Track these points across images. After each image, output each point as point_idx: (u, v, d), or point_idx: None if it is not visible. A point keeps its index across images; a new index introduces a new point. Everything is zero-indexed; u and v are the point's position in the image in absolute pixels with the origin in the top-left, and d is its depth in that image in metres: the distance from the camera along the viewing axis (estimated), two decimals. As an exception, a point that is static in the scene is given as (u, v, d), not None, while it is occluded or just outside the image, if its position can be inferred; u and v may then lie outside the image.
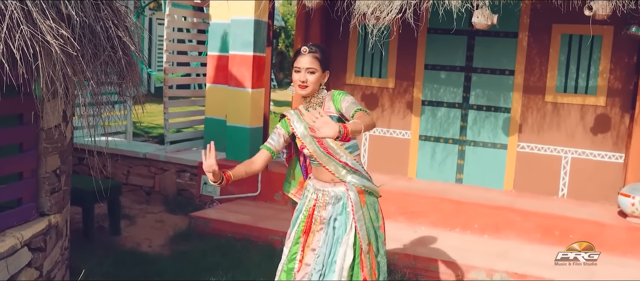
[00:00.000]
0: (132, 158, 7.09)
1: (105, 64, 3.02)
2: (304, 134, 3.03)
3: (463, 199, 5.63)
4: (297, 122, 3.08)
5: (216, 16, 6.85)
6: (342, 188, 3.06)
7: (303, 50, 2.98)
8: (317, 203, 3.09)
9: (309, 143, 3.04)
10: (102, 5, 2.98)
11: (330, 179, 3.07)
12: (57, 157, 3.48)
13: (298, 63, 2.98)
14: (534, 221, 5.29)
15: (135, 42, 3.24)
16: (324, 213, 3.07)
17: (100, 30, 2.93)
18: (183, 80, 8.00)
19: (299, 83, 2.98)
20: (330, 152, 3.04)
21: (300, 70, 2.97)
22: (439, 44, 6.24)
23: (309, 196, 3.13)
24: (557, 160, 5.92)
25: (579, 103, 5.79)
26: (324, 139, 2.99)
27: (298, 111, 3.12)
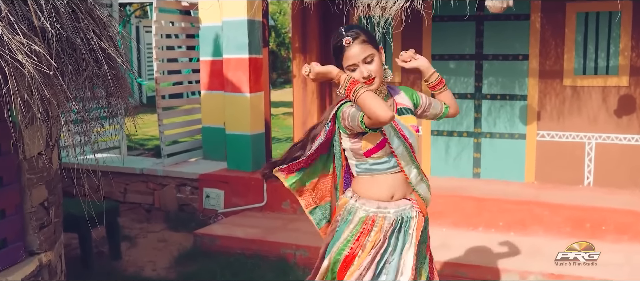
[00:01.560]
0: (129, 174, 6.71)
1: (90, 80, 2.64)
2: (388, 127, 2.42)
3: (484, 195, 5.28)
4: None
5: (206, 19, 6.47)
6: (407, 205, 2.52)
7: (346, 42, 2.40)
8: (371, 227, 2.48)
9: (393, 136, 2.43)
10: (81, 15, 2.60)
11: (390, 194, 2.50)
12: (43, 187, 3.11)
13: (348, 59, 2.41)
14: (563, 215, 4.95)
15: (122, 53, 2.86)
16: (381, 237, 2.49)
17: (80, 42, 2.55)
18: (176, 89, 7.62)
19: (363, 78, 2.40)
20: (414, 150, 2.52)
21: (357, 66, 2.41)
22: (446, 32, 5.88)
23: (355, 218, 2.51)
24: (580, 147, 5.57)
25: (600, 85, 5.45)
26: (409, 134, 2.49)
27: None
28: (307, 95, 6.46)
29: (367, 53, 2.41)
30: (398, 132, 2.47)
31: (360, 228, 2.50)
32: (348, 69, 2.44)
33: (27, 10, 2.35)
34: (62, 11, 2.47)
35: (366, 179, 2.54)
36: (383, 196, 2.50)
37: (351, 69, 2.43)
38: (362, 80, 2.40)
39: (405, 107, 2.60)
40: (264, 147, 6.09)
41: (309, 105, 6.48)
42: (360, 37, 2.42)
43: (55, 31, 2.41)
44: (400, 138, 2.47)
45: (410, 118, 2.58)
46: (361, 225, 2.49)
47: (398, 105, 2.58)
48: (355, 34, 2.42)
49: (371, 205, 2.50)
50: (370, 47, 2.43)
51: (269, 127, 6.18)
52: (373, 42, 2.47)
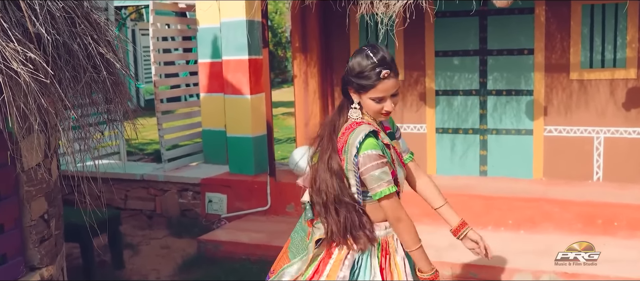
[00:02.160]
0: (129, 181, 6.60)
1: (88, 87, 2.54)
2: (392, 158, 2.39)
3: (492, 194, 5.18)
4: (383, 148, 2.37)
5: (204, 20, 6.36)
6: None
7: (384, 75, 2.22)
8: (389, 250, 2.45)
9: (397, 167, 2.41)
10: (77, 19, 2.50)
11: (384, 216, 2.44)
12: (43, 199, 3.00)
13: (378, 91, 2.25)
14: (573, 211, 4.85)
15: (121, 57, 2.75)
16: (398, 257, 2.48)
17: (77, 48, 2.44)
18: (175, 92, 7.51)
19: (384, 113, 2.32)
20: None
21: (384, 99, 2.28)
22: (448, 28, 5.78)
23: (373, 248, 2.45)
24: (588, 141, 5.47)
25: (608, 78, 5.35)
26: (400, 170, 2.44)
27: (376, 131, 2.36)
28: (308, 95, 6.35)
29: (397, 88, 2.31)
30: (399, 160, 2.45)
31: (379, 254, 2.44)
32: (371, 99, 2.29)
33: (21, 15, 2.25)
34: (57, 16, 2.37)
35: (372, 205, 2.41)
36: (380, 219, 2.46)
37: (375, 100, 2.29)
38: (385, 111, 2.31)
39: (390, 132, 2.55)
40: (266, 150, 5.98)
41: (310, 106, 6.37)
42: (394, 69, 2.28)
43: (51, 37, 2.31)
44: (400, 165, 2.45)
45: (396, 143, 2.55)
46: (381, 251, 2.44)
47: (386, 129, 2.52)
48: (391, 65, 2.26)
49: (379, 228, 2.44)
50: (398, 81, 2.32)
51: (271, 129, 6.07)
52: (398, 71, 2.34)
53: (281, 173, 5.97)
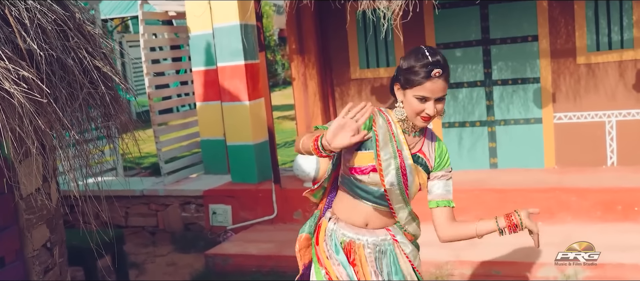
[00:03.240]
0: (129, 197, 6.40)
1: (86, 104, 2.36)
2: (388, 157, 2.19)
3: (505, 186, 5.03)
4: (383, 133, 2.20)
5: (196, 27, 6.16)
6: (386, 237, 2.31)
7: (435, 74, 2.09)
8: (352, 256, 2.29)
9: (391, 170, 2.19)
10: (70, 32, 2.31)
11: (364, 222, 2.31)
12: (44, 227, 2.81)
13: (425, 90, 2.10)
14: (591, 199, 4.71)
15: (118, 70, 2.57)
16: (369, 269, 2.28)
17: (72, 63, 2.26)
18: (171, 103, 7.30)
19: (423, 116, 2.15)
20: (409, 193, 2.26)
21: (428, 99, 2.12)
22: (449, 20, 5.62)
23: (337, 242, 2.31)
24: (600, 126, 5.33)
25: (616, 60, 5.21)
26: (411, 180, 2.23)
27: (386, 118, 2.24)
28: (308, 97, 6.18)
29: (444, 92, 2.17)
30: (399, 169, 2.21)
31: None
32: (416, 97, 2.14)
33: (10, 31, 2.07)
34: (49, 30, 2.19)
35: (346, 198, 2.33)
36: (357, 222, 2.33)
37: (418, 98, 2.13)
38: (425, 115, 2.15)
39: (424, 159, 2.29)
40: (268, 156, 5.81)
41: (311, 108, 6.20)
42: (446, 73, 2.15)
43: (43, 53, 2.12)
44: (399, 176, 2.21)
45: (421, 174, 2.29)
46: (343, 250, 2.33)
47: (419, 153, 2.28)
48: (445, 68, 2.13)
49: (347, 229, 2.32)
50: (447, 87, 2.18)
51: (273, 135, 5.90)
52: (450, 79, 2.21)
53: (286, 180, 5.80)
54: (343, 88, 6.15)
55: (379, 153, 2.19)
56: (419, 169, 2.27)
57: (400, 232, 2.34)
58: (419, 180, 2.27)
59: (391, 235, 2.33)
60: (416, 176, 2.25)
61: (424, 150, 2.29)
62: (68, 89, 2.26)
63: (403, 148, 2.23)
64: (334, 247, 2.31)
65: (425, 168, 2.29)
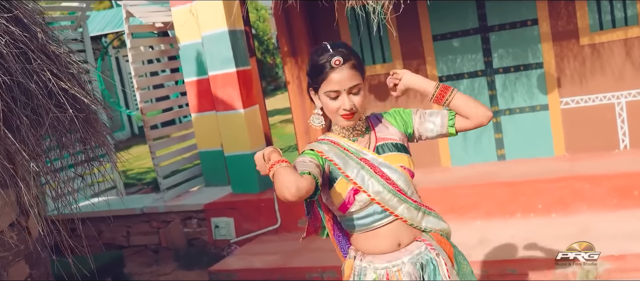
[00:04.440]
0: (130, 216, 6.24)
1: (54, 129, 2.17)
2: (356, 170, 2.01)
3: (516, 178, 4.82)
4: (335, 155, 2.03)
5: (184, 37, 5.99)
6: (421, 248, 2.08)
7: (335, 62, 1.94)
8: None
9: (368, 180, 2.01)
10: (32, 54, 2.13)
11: (395, 243, 2.07)
12: (23, 263, 2.63)
13: (332, 84, 1.96)
14: (606, 185, 4.49)
15: (90, 90, 2.39)
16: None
17: (35, 87, 2.08)
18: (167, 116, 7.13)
19: (343, 113, 1.99)
20: (401, 189, 2.04)
21: (339, 94, 1.97)
22: (444, 10, 5.41)
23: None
24: (609, 108, 5.11)
25: (621, 38, 4.98)
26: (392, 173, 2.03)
27: (329, 141, 2.08)
28: (305, 100, 5.99)
29: (355, 82, 1.98)
30: (375, 174, 2.02)
31: None
32: (327, 95, 1.99)
33: (-41, 58, 1.90)
34: (5, 53, 2.00)
35: (361, 234, 2.10)
36: (388, 247, 2.08)
37: (331, 96, 1.99)
38: (343, 111, 1.99)
39: (390, 143, 2.10)
40: (268, 164, 5.62)
41: (308, 111, 6.01)
42: (351, 61, 1.98)
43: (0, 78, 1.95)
44: (379, 179, 2.02)
45: (397, 157, 2.08)
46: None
47: (378, 142, 2.10)
48: (346, 55, 1.97)
49: (379, 261, 2.08)
50: (358, 76, 2.00)
51: (270, 141, 5.72)
52: (362, 69, 2.04)
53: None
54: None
55: (346, 173, 2.02)
56: (394, 156, 2.07)
57: (430, 237, 2.11)
58: (404, 164, 2.07)
59: (425, 243, 2.09)
60: (397, 167, 2.05)
61: (379, 136, 2.11)
62: (32, 116, 2.08)
63: (363, 153, 2.06)
64: None
65: (398, 147, 2.09)
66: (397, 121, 2.15)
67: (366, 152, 2.06)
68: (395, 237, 2.07)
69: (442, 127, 2.13)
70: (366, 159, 2.04)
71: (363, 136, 2.10)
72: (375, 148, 2.08)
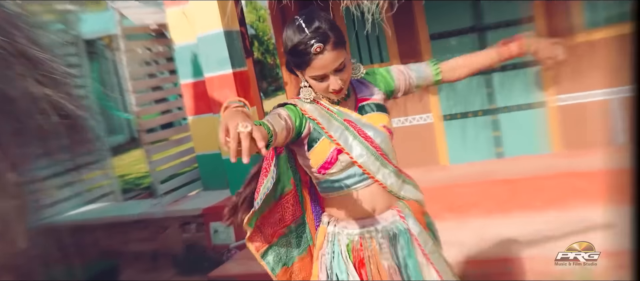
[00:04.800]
0: (126, 223, 6.20)
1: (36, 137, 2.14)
2: (340, 131, 1.96)
3: (513, 176, 4.78)
4: (320, 115, 1.98)
5: (179, 38, 5.96)
6: (394, 217, 2.05)
7: (316, 49, 1.82)
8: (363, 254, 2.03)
9: (351, 141, 1.96)
10: (13, 59, 2.10)
11: (371, 208, 2.04)
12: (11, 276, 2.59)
13: (316, 70, 1.87)
14: (604, 182, 4.43)
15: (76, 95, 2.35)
16: (384, 262, 2.04)
17: (16, 93, 2.04)
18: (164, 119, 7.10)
19: (332, 91, 1.92)
20: (384, 152, 2.03)
21: (327, 76, 1.89)
22: (440, 8, 5.37)
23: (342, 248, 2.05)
24: (606, 105, 5.05)
25: (617, 35, 4.93)
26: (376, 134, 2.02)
27: (317, 103, 2.01)
28: (301, 102, 5.95)
29: (340, 61, 1.88)
30: (358, 135, 1.99)
31: (351, 258, 2.05)
32: (315, 78, 1.92)
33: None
34: (-16, 59, 1.97)
35: (337, 198, 2.06)
36: (362, 213, 2.05)
37: (318, 78, 1.91)
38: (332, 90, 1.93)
39: (371, 103, 2.09)
40: (265, 167, 5.58)
41: (305, 112, 5.97)
42: (330, 40, 1.84)
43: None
44: (363, 142, 1.99)
45: (379, 116, 2.08)
46: (351, 254, 2.05)
47: (360, 102, 2.09)
48: (325, 37, 1.83)
49: (353, 226, 2.06)
50: (341, 52, 1.88)
51: (267, 144, 5.67)
52: (342, 40, 1.91)
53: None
54: (336, 89, 5.92)
55: (330, 133, 1.96)
56: (376, 115, 2.07)
57: (406, 208, 2.10)
58: (385, 124, 2.07)
59: (398, 214, 2.08)
60: (380, 127, 2.05)
61: (362, 96, 2.09)
62: (13, 123, 2.04)
63: (347, 114, 2.03)
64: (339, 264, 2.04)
65: (380, 106, 2.09)
66: (378, 80, 2.13)
67: (350, 113, 2.03)
68: (371, 202, 2.04)
69: (427, 73, 2.19)
70: (350, 120, 2.01)
71: (346, 99, 2.07)
72: (358, 108, 2.07)
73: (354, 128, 2.00)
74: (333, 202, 2.09)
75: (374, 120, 2.05)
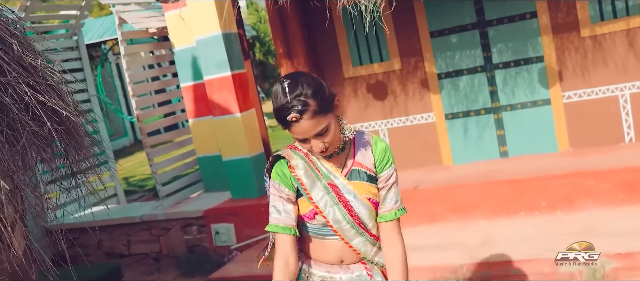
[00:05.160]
0: (129, 224, 6.18)
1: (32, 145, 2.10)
2: (320, 196, 1.98)
3: (518, 176, 4.72)
4: (305, 173, 1.99)
5: (178, 42, 5.92)
6: (361, 272, 2.07)
7: (292, 118, 1.83)
8: None
9: (330, 207, 1.97)
10: (7, 66, 2.06)
11: (339, 259, 2.07)
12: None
13: (296, 134, 1.89)
14: (612, 181, 4.38)
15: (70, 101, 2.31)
16: None
17: (11, 101, 2.00)
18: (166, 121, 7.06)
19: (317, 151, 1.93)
20: (361, 222, 2.01)
21: (307, 141, 1.90)
22: (440, 5, 5.31)
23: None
24: (613, 101, 4.99)
25: (623, 29, 4.87)
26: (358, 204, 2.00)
27: (303, 154, 2.03)
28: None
29: (319, 128, 1.87)
30: (338, 203, 1.99)
31: None
32: (297, 139, 1.93)
33: None
34: (-24, 66, 1.93)
35: (309, 237, 2.09)
36: (330, 260, 2.08)
37: (299, 140, 1.92)
38: (315, 151, 1.93)
39: (363, 170, 2.02)
40: (266, 169, 5.53)
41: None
42: (309, 110, 1.83)
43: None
44: (342, 210, 1.99)
45: (366, 187, 2.02)
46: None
47: (353, 167, 2.03)
48: (303, 106, 1.82)
49: (318, 268, 2.09)
50: (323, 118, 1.87)
51: (268, 146, 5.64)
52: (326, 107, 1.88)
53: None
54: (337, 89, 5.86)
55: (310, 196, 1.97)
56: (363, 185, 2.01)
57: (375, 266, 2.10)
58: (371, 197, 2.01)
59: (367, 272, 2.07)
60: (364, 198, 2.00)
61: (358, 160, 2.02)
62: (8, 131, 2.00)
63: (334, 178, 1.99)
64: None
65: (370, 177, 2.02)
66: (376, 153, 2.04)
67: (337, 176, 2.01)
68: (341, 253, 2.06)
69: (382, 212, 2.05)
70: (334, 185, 2.00)
71: (340, 153, 2.02)
72: (350, 171, 2.02)
73: (336, 194, 1.99)
74: (305, 240, 2.11)
75: (359, 189, 2.01)
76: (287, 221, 1.97)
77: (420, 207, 4.77)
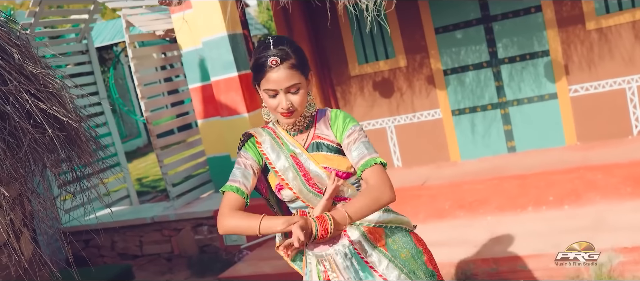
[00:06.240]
0: (141, 225, 6.26)
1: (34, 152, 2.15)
2: (284, 167, 2.04)
3: (526, 171, 4.70)
4: (271, 147, 2.07)
5: (185, 43, 5.97)
6: (344, 240, 2.09)
7: (271, 62, 1.92)
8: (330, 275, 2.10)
9: (294, 180, 2.03)
10: (8, 76, 2.11)
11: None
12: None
13: (269, 83, 1.94)
14: (619, 175, 4.34)
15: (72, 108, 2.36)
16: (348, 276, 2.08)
17: (11, 110, 2.05)
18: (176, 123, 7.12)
19: (281, 112, 1.98)
20: (322, 190, 2.03)
21: (277, 92, 1.95)
22: (444, 2, 5.30)
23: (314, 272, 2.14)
24: (620, 94, 4.95)
25: (629, 21, 4.82)
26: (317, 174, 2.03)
27: (271, 131, 2.11)
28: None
29: (293, 82, 1.95)
30: (299, 172, 2.04)
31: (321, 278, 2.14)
32: (266, 92, 1.98)
33: None
34: (-23, 77, 1.98)
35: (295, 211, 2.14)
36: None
37: (270, 94, 1.97)
38: (281, 109, 1.98)
39: (323, 143, 2.08)
40: (275, 168, 5.57)
41: (314, 112, 5.94)
42: (289, 60, 1.94)
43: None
44: (301, 178, 2.04)
45: (325, 156, 2.06)
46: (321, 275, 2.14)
47: (314, 140, 2.09)
48: (284, 55, 1.94)
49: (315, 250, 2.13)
50: (298, 75, 1.96)
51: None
52: (303, 68, 1.99)
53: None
54: (344, 87, 5.88)
55: (275, 168, 2.05)
56: (323, 156, 2.05)
57: (357, 230, 2.10)
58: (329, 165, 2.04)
59: (347, 237, 2.09)
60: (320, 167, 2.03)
61: (318, 133, 2.08)
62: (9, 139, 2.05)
63: (295, 149, 2.06)
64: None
65: (330, 148, 2.06)
66: (335, 128, 2.09)
67: (297, 148, 2.07)
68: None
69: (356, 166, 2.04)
70: (295, 156, 2.06)
71: (303, 131, 2.10)
72: (310, 145, 2.08)
73: (297, 165, 2.05)
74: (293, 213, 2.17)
75: (317, 159, 2.06)
76: (241, 185, 2.00)
77: (428, 204, 4.77)
